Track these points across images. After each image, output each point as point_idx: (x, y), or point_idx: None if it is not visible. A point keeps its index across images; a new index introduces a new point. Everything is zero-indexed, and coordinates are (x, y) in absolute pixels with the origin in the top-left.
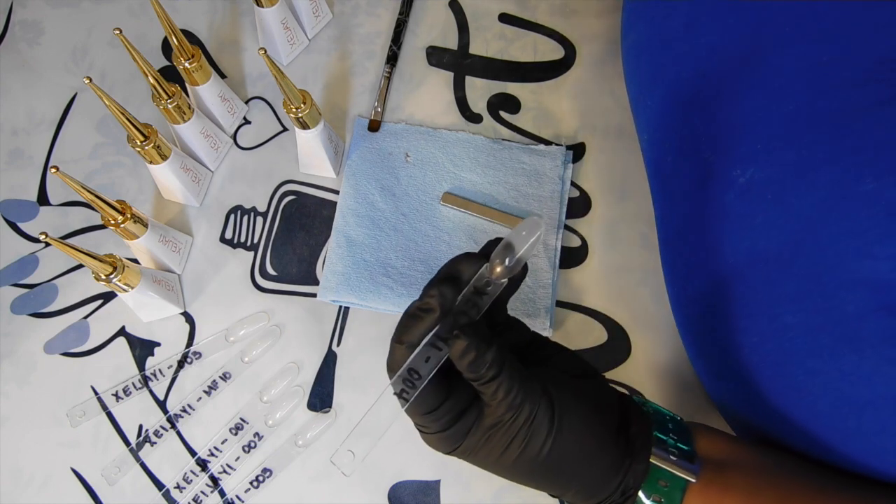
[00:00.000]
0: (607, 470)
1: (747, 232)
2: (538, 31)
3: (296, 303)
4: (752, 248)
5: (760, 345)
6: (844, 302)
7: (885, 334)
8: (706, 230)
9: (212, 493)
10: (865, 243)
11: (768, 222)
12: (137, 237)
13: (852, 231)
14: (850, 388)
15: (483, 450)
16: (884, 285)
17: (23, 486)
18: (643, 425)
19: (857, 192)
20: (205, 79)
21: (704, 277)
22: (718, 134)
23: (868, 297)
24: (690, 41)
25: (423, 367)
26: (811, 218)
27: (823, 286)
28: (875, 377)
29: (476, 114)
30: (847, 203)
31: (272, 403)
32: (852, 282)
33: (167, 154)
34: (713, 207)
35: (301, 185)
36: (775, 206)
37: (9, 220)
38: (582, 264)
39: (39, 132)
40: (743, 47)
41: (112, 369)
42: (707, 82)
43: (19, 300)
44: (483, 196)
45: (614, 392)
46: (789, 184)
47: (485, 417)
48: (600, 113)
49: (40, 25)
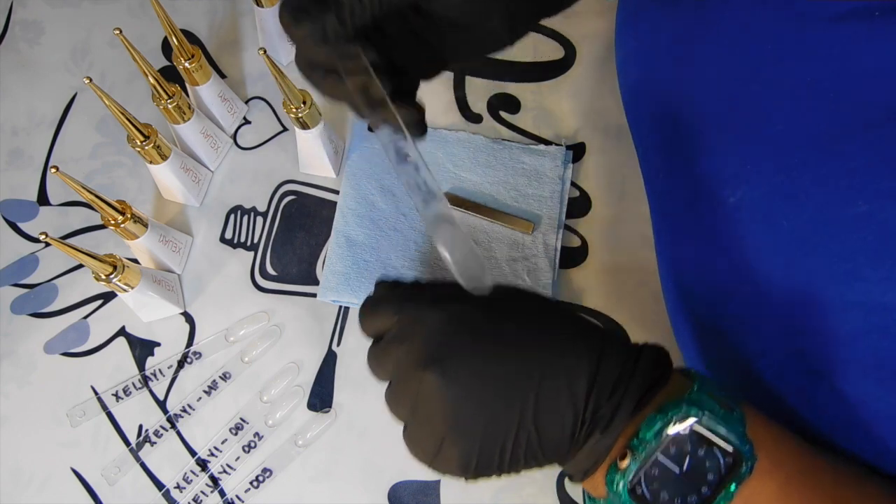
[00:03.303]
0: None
1: (737, 253)
2: (538, 31)
3: (296, 303)
4: (742, 269)
5: (753, 364)
6: (837, 324)
7: (877, 356)
8: (698, 249)
9: (212, 493)
10: (856, 266)
11: (758, 243)
12: (137, 237)
13: (843, 254)
14: (842, 410)
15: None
16: (876, 308)
17: (23, 486)
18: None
19: (847, 214)
20: (205, 79)
21: (698, 295)
22: (708, 154)
23: (860, 319)
24: (677, 59)
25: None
26: (801, 240)
27: (815, 308)
28: (868, 399)
29: (476, 114)
30: (838, 225)
31: (272, 403)
32: (844, 304)
33: (167, 154)
34: (704, 227)
35: (301, 185)
36: (765, 227)
37: (9, 220)
38: (582, 264)
39: (39, 132)
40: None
41: (112, 369)
42: (694, 102)
43: (19, 300)
44: (483, 196)
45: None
46: (779, 205)
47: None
48: (600, 113)
49: (40, 25)
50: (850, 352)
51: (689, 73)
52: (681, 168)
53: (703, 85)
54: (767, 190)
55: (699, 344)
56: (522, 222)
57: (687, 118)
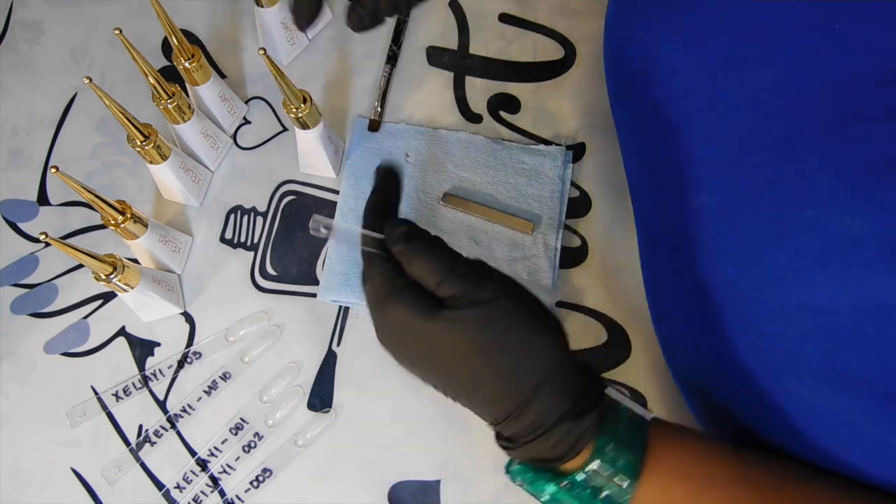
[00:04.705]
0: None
1: (701, 255)
2: (538, 31)
3: (296, 303)
4: (705, 271)
5: (718, 365)
6: (786, 327)
7: (823, 359)
8: (669, 251)
9: (212, 493)
10: (804, 269)
11: (719, 246)
12: (137, 237)
13: (791, 257)
14: (795, 412)
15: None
16: (821, 310)
17: (23, 486)
18: (596, 374)
19: (796, 218)
20: (205, 79)
21: (673, 298)
22: (674, 159)
23: (807, 321)
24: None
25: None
26: (754, 243)
27: (767, 311)
28: (816, 401)
29: (476, 114)
30: (787, 229)
31: (272, 403)
32: (792, 307)
33: (167, 154)
34: (673, 229)
35: (301, 185)
36: (724, 230)
37: (9, 220)
38: (582, 264)
39: (39, 132)
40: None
41: (112, 369)
42: (663, 107)
43: (19, 300)
44: (483, 196)
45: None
46: (736, 209)
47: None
48: (600, 113)
49: (40, 25)
50: (799, 354)
51: (657, 79)
52: (654, 172)
53: (670, 87)
54: (727, 194)
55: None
56: (522, 222)
57: (657, 122)
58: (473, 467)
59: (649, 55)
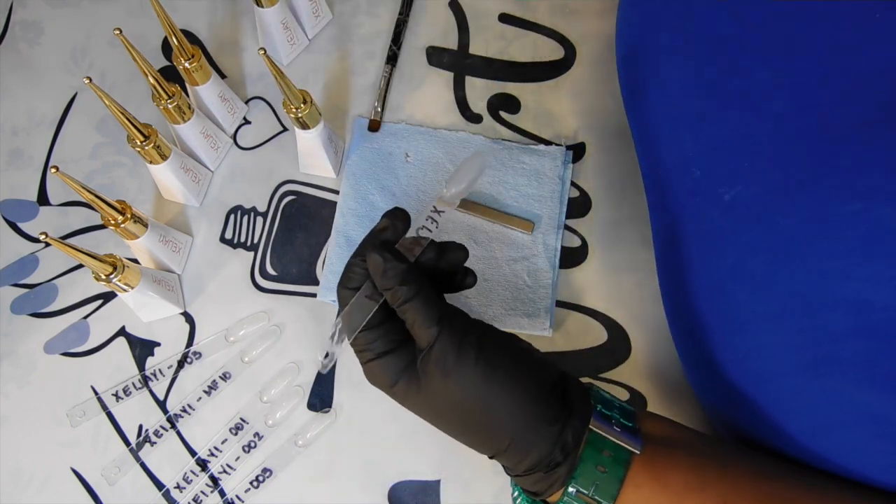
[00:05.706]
0: (541, 420)
1: (732, 249)
2: (538, 31)
3: (296, 303)
4: (736, 265)
5: (744, 361)
6: (826, 322)
7: (862, 356)
8: (693, 245)
9: (212, 493)
10: (847, 264)
11: (753, 241)
12: (137, 237)
13: (834, 252)
14: (828, 408)
15: (413, 388)
16: (864, 306)
17: (23, 486)
18: (582, 392)
19: (840, 212)
20: (205, 79)
21: (692, 291)
22: (705, 151)
23: (848, 318)
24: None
25: (364, 305)
26: (795, 237)
27: (806, 306)
28: (851, 398)
29: (476, 114)
30: (830, 223)
31: (272, 403)
32: (833, 302)
33: (167, 154)
34: (699, 224)
35: (301, 185)
36: (760, 224)
37: (9, 220)
38: (582, 264)
39: (39, 132)
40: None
41: (112, 369)
42: (693, 99)
43: (19, 300)
44: (483, 196)
45: (550, 361)
46: (774, 203)
47: (415, 355)
48: (600, 113)
49: (40, 25)
50: (838, 350)
51: (686, 68)
52: (679, 166)
53: (701, 82)
54: (763, 187)
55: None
56: (522, 222)
57: (685, 116)
58: (473, 467)
59: (673, 44)
